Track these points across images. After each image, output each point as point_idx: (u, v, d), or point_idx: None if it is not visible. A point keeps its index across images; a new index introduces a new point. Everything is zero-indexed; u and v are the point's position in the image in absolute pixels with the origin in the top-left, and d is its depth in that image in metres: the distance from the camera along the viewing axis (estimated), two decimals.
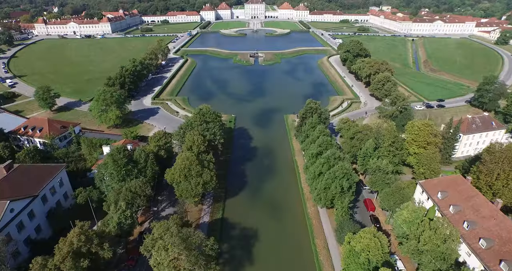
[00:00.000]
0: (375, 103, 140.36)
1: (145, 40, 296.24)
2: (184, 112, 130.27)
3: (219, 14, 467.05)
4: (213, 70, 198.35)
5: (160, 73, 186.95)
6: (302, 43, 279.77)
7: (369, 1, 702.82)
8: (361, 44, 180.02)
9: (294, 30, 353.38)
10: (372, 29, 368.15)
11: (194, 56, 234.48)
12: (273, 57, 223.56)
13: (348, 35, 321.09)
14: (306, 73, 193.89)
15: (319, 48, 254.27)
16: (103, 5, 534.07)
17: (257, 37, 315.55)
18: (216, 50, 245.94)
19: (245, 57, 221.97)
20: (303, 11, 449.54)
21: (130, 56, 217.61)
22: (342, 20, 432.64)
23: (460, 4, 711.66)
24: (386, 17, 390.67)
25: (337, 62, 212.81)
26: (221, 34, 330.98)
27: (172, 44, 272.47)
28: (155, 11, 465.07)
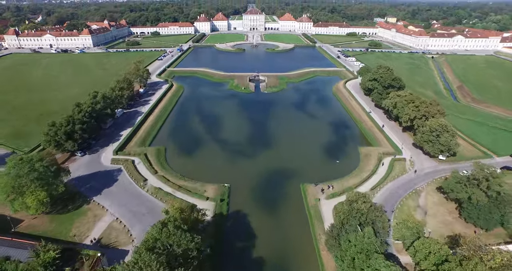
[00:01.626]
0: (425, 162, 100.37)
1: (129, 56, 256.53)
2: (156, 180, 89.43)
3: (215, 25, 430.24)
4: (203, 100, 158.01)
5: (136, 106, 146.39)
6: (309, 62, 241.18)
7: (372, 12, 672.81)
8: (392, 72, 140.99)
9: (298, 44, 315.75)
10: (384, 44, 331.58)
11: (181, 80, 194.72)
12: (278, 82, 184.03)
13: (360, 52, 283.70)
14: (321, 106, 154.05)
15: (331, 70, 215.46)
16: (91, 15, 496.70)
17: (257, 54, 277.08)
18: (209, 71, 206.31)
19: (243, 82, 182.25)
20: (307, 23, 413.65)
21: (107, 77, 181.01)
22: (349, 33, 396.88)
23: (467, 16, 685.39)
24: (399, 31, 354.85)
25: (355, 88, 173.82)
26: (216, 49, 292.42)
27: (158, 63, 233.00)
28: (145, 22, 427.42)
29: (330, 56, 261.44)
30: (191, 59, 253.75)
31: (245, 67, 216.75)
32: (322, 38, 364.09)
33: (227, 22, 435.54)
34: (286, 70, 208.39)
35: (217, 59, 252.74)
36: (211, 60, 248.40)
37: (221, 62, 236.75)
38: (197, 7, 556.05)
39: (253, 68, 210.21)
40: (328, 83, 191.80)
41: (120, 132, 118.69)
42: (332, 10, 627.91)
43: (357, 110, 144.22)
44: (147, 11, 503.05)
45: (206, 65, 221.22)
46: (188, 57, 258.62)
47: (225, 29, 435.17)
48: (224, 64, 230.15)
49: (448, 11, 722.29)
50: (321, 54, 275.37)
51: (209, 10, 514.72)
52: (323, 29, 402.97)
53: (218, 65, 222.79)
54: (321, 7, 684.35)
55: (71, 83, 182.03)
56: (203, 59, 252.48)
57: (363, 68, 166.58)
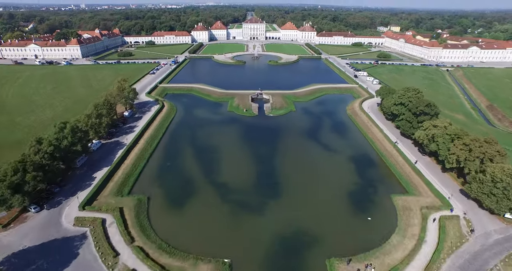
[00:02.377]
0: (487, 222, 77.18)
1: (119, 69, 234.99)
2: (131, 255, 65.57)
3: (213, 34, 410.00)
4: (198, 127, 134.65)
5: (118, 134, 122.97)
6: (317, 76, 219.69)
7: (375, 21, 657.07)
8: (422, 95, 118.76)
9: (302, 56, 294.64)
10: (394, 55, 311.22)
11: (175, 98, 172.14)
12: (284, 102, 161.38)
13: (370, 65, 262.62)
14: (336, 133, 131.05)
15: (343, 87, 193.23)
16: (84, 23, 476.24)
17: (258, 67, 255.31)
18: (206, 88, 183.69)
19: (244, 102, 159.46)
20: (310, 32, 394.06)
21: (92, 95, 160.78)
22: (354, 43, 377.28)
23: (471, 25, 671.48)
24: (408, 41, 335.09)
25: (373, 110, 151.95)
26: (214, 61, 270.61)
27: (150, 77, 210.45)
28: (139, 30, 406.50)
29: (338, 70, 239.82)
30: (187, 73, 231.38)
31: (246, 83, 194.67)
32: (327, 48, 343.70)
33: (226, 31, 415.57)
34: (292, 87, 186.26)
35: (215, 73, 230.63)
36: (208, 74, 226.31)
37: (219, 77, 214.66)
38: (195, 16, 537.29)
39: (255, 84, 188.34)
40: (341, 102, 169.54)
41: (94, 173, 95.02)
42: (334, 18, 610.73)
43: (380, 140, 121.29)
44: (142, 19, 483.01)
45: (203, 81, 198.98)
46: (183, 71, 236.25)
47: (224, 39, 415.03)
48: (223, 79, 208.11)
49: (452, 20, 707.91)
50: (328, 67, 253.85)
51: (207, 18, 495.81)
52: (327, 39, 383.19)
53: (216, 81, 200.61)
54: (322, 15, 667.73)
55: (48, 103, 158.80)
56: (200, 73, 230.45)
57: (384, 89, 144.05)
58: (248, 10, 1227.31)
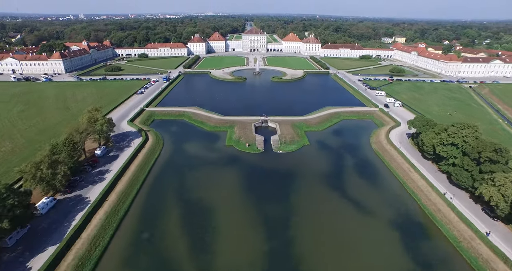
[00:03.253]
0: None
1: (104, 87, 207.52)
2: None
3: (211, 46, 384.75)
4: (188, 170, 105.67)
5: (82, 185, 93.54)
6: (328, 96, 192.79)
7: (379, 32, 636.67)
8: (480, 133, 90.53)
9: (308, 71, 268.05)
10: (408, 70, 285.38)
11: (163, 126, 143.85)
12: (294, 133, 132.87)
13: (385, 81, 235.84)
14: (366, 179, 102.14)
15: (361, 110, 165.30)
16: (75, 34, 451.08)
17: (261, 84, 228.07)
18: (200, 113, 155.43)
19: (246, 133, 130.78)
20: (314, 44, 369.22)
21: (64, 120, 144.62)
22: (362, 56, 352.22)
23: (476, 35, 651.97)
24: (421, 54, 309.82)
25: (404, 142, 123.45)
26: (211, 78, 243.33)
27: (136, 98, 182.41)
28: (132, 42, 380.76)
29: (351, 89, 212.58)
30: (179, 92, 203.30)
31: (247, 105, 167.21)
32: (333, 62, 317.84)
33: (225, 42, 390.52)
34: (302, 111, 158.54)
35: (211, 92, 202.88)
36: (204, 94, 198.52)
37: (216, 98, 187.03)
38: (191, 26, 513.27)
39: (258, 106, 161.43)
40: (362, 131, 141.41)
41: (33, 258, 65.51)
42: (337, 29, 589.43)
43: (425, 191, 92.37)
44: (137, 30, 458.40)
45: (197, 102, 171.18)
46: (176, 90, 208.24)
47: (222, 51, 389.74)
48: (221, 100, 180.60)
49: (457, 31, 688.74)
50: (339, 85, 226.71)
51: (204, 29, 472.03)
52: (332, 51, 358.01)
53: (213, 102, 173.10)
54: (324, 25, 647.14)
55: (7, 133, 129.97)
56: (194, 93, 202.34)
57: (420, 120, 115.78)
58: (247, 20, 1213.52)
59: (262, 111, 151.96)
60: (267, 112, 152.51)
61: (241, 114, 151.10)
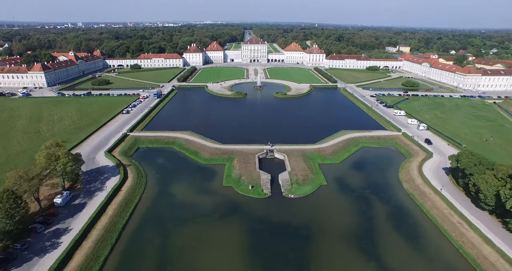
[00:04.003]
0: None
1: (87, 105, 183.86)
2: None
3: (209, 56, 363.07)
4: (174, 225, 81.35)
5: (22, 258, 68.61)
6: (340, 116, 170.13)
7: (382, 41, 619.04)
8: None
9: (314, 85, 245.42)
10: (422, 83, 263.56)
11: (148, 157, 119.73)
12: (307, 168, 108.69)
13: (400, 97, 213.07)
14: (404, 237, 78.22)
15: (381, 135, 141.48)
16: (65, 43, 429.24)
17: (262, 101, 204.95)
18: (193, 140, 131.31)
19: (249, 169, 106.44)
20: (318, 55, 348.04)
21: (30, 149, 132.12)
22: (369, 67, 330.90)
23: (481, 45, 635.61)
24: (434, 66, 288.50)
25: (444, 181, 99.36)
26: (208, 93, 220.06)
27: (122, 119, 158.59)
28: (124, 52, 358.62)
29: (364, 105, 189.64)
30: (170, 112, 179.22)
31: (249, 129, 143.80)
32: (339, 74, 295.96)
33: (223, 52, 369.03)
34: (312, 135, 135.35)
35: (208, 112, 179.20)
36: (198, 113, 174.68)
37: (212, 119, 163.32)
38: (188, 35, 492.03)
39: (261, 130, 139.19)
40: (388, 164, 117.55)
41: None
42: (339, 38, 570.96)
43: (497, 264, 67.87)
44: (131, 39, 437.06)
45: (190, 125, 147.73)
46: (167, 109, 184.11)
47: (220, 61, 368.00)
48: (217, 122, 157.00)
49: (461, 40, 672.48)
50: (350, 102, 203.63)
51: (202, 38, 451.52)
52: (338, 62, 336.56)
53: (209, 125, 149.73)
54: (325, 34, 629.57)
55: None
56: (188, 113, 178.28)
57: (468, 156, 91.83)
58: (246, 28, 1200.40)
59: (266, 135, 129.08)
60: (271, 136, 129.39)
61: (242, 142, 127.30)
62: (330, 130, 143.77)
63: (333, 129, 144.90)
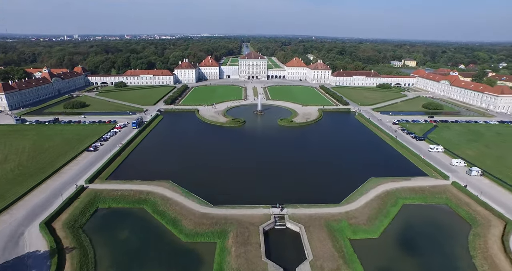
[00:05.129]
0: None
1: (47, 137, 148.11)
2: None
3: (203, 73, 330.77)
4: None
5: None
6: (363, 154, 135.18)
7: (387, 55, 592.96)
8: None
9: (322, 107, 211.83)
10: (446, 105, 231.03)
11: (108, 226, 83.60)
12: (334, 250, 73.67)
13: (428, 124, 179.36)
14: None
15: (424, 186, 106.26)
16: (47, 58, 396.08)
17: (264, 130, 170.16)
18: (174, 199, 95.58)
19: (249, 257, 70.68)
20: (323, 71, 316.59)
21: None
22: (380, 84, 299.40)
23: (488, 58, 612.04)
24: (456, 84, 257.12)
25: None
26: (199, 119, 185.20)
27: (86, 160, 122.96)
28: (109, 68, 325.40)
29: (387, 136, 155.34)
30: (149, 150, 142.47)
31: (248, 178, 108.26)
32: (349, 93, 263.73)
33: (218, 68, 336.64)
34: (334, 187, 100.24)
35: (196, 149, 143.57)
36: (184, 153, 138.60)
37: (202, 160, 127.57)
38: (183, 49, 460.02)
39: (264, 178, 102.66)
40: (445, 236, 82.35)
41: None
42: (341, 51, 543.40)
43: None
44: (119, 53, 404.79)
45: (172, 171, 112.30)
46: (145, 145, 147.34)
47: (215, 78, 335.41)
48: (208, 164, 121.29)
49: (467, 53, 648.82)
50: (369, 131, 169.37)
51: (196, 52, 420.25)
52: (345, 80, 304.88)
53: (196, 171, 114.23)
54: (327, 48, 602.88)
55: None
56: (171, 151, 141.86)
57: None
58: (243, 41, 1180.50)
59: (271, 187, 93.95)
60: (278, 187, 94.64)
61: (239, 201, 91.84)
62: (356, 178, 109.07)
63: (360, 177, 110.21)
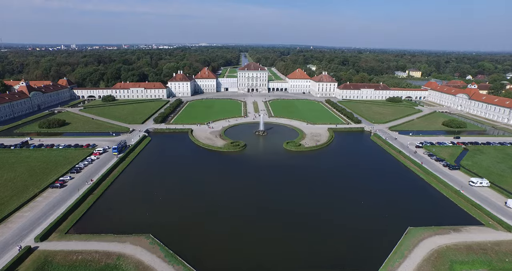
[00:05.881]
0: None
1: (13, 164, 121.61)
2: None
3: (199, 85, 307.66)
4: None
5: None
6: (390, 187, 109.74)
7: (389, 65, 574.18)
8: None
9: (333, 126, 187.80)
10: (469, 122, 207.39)
11: None
12: None
13: (455, 147, 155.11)
14: None
15: (481, 242, 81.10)
16: (33, 68, 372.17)
17: (267, 157, 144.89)
18: (152, 266, 69.64)
19: None
20: (329, 84, 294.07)
21: None
22: (390, 98, 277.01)
23: (493, 68, 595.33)
24: (476, 98, 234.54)
25: None
26: (192, 142, 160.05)
27: (49, 199, 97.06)
28: (98, 80, 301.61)
29: (412, 163, 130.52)
30: (128, 186, 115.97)
31: (250, 230, 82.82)
32: (358, 108, 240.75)
33: (216, 80, 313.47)
34: (361, 246, 75.17)
35: (186, 188, 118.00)
36: (171, 191, 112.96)
37: (193, 204, 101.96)
38: (178, 59, 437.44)
39: (273, 233, 76.64)
40: None
41: None
42: (344, 62, 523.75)
43: None
44: (109, 64, 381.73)
45: (153, 220, 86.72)
46: (123, 180, 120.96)
47: (212, 90, 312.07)
48: (199, 213, 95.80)
49: (471, 63, 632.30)
50: (391, 157, 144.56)
51: (192, 63, 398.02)
52: (352, 93, 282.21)
53: (185, 223, 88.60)
54: (328, 58, 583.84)
55: None
56: (155, 188, 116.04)
57: None
58: (241, 51, 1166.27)
59: (282, 247, 67.23)
60: (285, 248, 68.48)
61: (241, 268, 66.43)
62: (390, 229, 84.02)
63: (394, 226, 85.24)
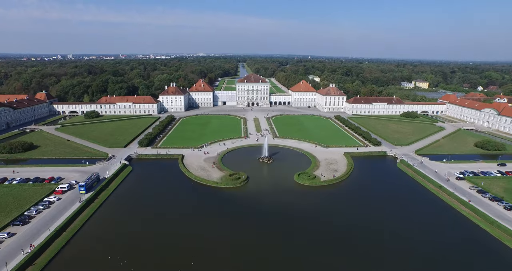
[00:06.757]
0: None
1: None
2: None
3: (193, 99, 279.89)
4: None
5: None
6: (435, 236, 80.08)
7: (395, 76, 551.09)
8: None
9: (349, 150, 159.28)
10: (505, 143, 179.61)
11: None
12: None
13: (504, 179, 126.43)
14: None
15: None
16: (13, 80, 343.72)
17: (275, 195, 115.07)
18: None
19: None
20: (337, 98, 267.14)
21: None
22: (405, 113, 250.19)
23: (500, 78, 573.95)
24: (505, 114, 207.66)
25: None
26: (181, 173, 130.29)
27: None
28: (82, 93, 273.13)
29: (457, 202, 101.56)
30: (91, 243, 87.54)
31: None
32: (372, 125, 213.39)
33: (212, 94, 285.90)
34: None
35: (169, 241, 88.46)
36: (147, 257, 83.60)
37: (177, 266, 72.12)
38: (171, 71, 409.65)
39: None
40: None
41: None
42: (347, 72, 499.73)
43: None
44: (96, 75, 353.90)
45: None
46: (81, 239, 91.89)
47: (208, 105, 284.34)
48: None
49: (477, 74, 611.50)
50: (426, 190, 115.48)
51: (187, 74, 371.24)
52: (363, 107, 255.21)
53: None
54: (330, 68, 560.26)
55: None
56: (126, 254, 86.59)
57: None
58: (239, 61, 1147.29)
59: None
60: None
61: None
62: None
63: None
